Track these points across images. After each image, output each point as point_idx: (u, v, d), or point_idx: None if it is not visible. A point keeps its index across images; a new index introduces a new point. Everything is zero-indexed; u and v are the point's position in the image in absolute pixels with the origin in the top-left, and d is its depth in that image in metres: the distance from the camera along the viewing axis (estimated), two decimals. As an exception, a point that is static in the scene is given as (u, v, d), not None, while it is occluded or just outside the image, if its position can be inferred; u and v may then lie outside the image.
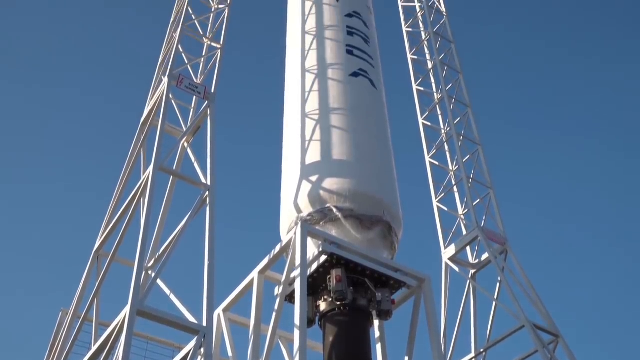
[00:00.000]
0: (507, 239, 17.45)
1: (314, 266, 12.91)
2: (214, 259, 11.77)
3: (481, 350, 16.51)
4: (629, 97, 46.12)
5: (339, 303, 12.63)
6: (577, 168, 46.43)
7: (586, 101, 47.50)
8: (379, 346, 13.84)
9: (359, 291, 12.90)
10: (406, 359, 13.34)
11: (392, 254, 14.24)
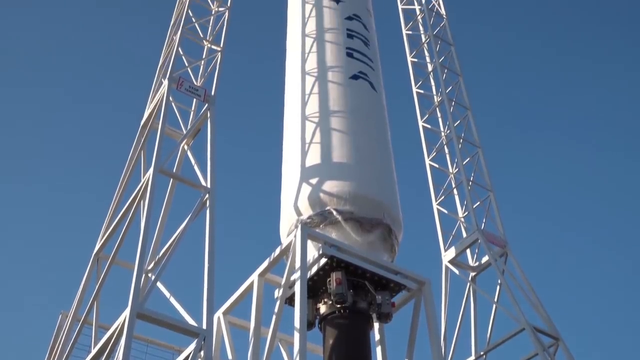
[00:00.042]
0: (507, 241, 17.45)
1: (314, 269, 12.90)
2: (213, 261, 11.77)
3: (481, 353, 16.50)
4: (630, 99, 46.18)
5: (339, 306, 12.62)
6: (577, 171, 46.50)
7: (587, 104, 47.56)
8: (379, 349, 13.80)
9: (359, 294, 12.89)
10: (406, 361, 13.34)
11: (392, 256, 14.22)
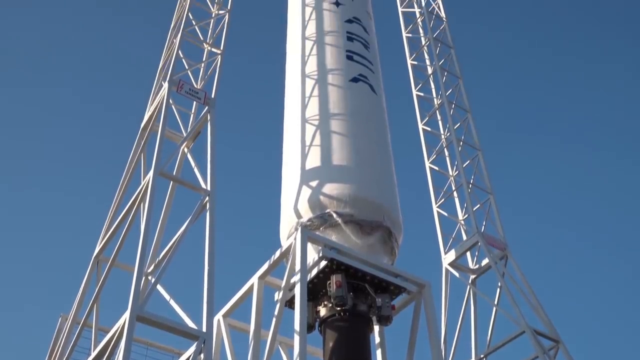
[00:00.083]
0: (507, 244, 17.44)
1: (314, 271, 12.90)
2: (213, 264, 11.76)
3: (481, 356, 16.49)
4: (630, 101, 46.18)
5: (339, 308, 12.61)
6: (577, 173, 46.48)
7: (587, 107, 47.58)
8: (379, 352, 13.79)
9: (359, 297, 12.88)
10: (406, 364, 13.33)
11: (392, 259, 14.22)
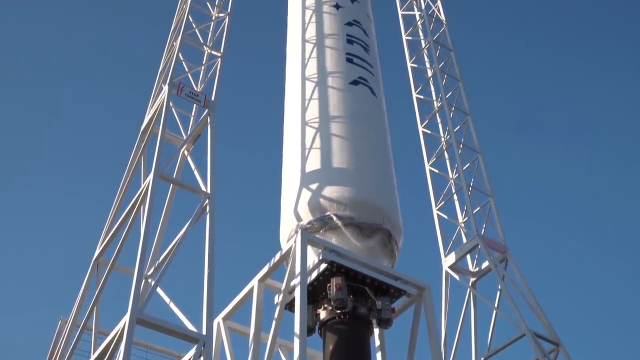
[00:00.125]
0: (507, 247, 17.43)
1: (314, 274, 12.90)
2: (213, 267, 11.76)
3: (482, 359, 16.47)
4: (631, 103, 46.18)
5: (339, 311, 12.61)
6: (578, 176, 46.45)
7: (587, 108, 47.57)
8: (379, 355, 13.78)
9: (359, 299, 12.88)
10: (406, 367, 13.32)
11: (392, 262, 14.22)
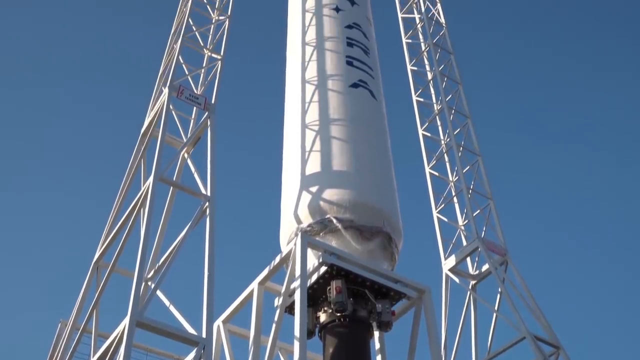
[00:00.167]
0: (507, 249, 17.42)
1: (314, 277, 12.89)
2: (213, 269, 11.76)
3: (482, 361, 16.45)
4: (631, 104, 46.18)
5: (339, 314, 12.60)
6: (578, 178, 46.45)
7: (588, 112, 47.61)
8: (379, 358, 13.77)
9: (359, 302, 12.88)
10: (406, 370, 13.31)
11: (392, 265, 14.21)
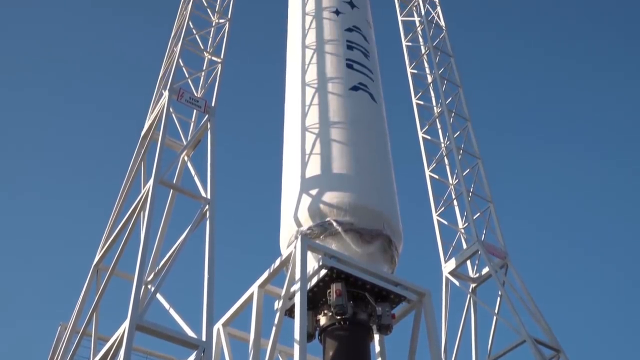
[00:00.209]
0: (507, 252, 17.41)
1: (314, 280, 12.89)
2: (213, 272, 11.75)
3: (482, 365, 16.44)
4: (632, 105, 46.17)
5: (339, 317, 12.60)
6: (579, 181, 46.42)
7: (589, 115, 47.62)
8: (379, 361, 13.77)
9: (359, 305, 12.86)
10: (406, 373, 13.29)
11: (392, 267, 14.21)
